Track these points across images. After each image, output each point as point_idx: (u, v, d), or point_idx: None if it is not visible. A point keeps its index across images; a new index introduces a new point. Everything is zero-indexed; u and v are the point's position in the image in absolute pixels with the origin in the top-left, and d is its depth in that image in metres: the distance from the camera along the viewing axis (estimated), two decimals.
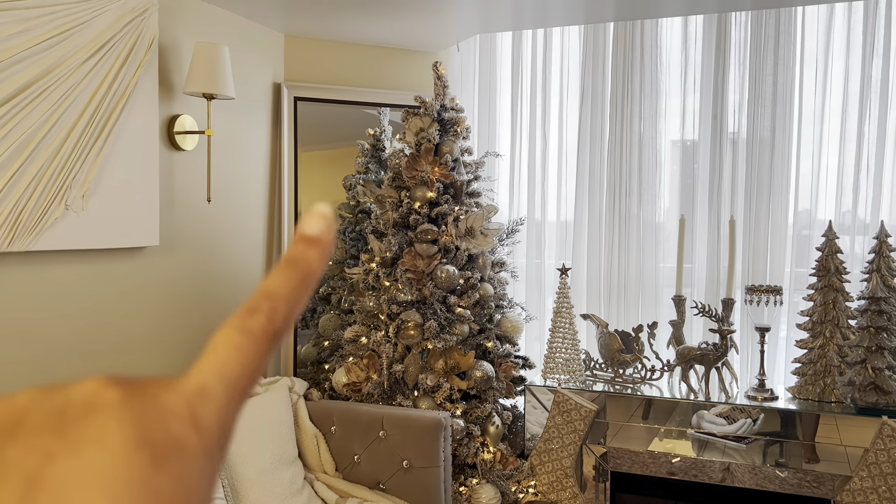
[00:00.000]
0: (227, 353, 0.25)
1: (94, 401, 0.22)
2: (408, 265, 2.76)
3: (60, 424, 0.21)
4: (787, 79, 2.99)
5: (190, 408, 0.23)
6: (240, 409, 0.25)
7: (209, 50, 2.53)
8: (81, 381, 0.23)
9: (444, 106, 2.88)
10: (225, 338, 0.25)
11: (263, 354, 0.25)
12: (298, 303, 0.27)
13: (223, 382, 0.24)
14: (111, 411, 0.21)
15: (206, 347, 0.25)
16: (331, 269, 3.35)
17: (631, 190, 3.23)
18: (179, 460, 0.21)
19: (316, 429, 2.58)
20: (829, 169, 2.97)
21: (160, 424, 0.22)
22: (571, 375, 2.89)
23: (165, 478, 0.21)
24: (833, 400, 2.60)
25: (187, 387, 0.23)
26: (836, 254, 2.62)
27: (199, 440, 0.22)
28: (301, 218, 0.30)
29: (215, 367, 0.24)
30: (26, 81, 2.08)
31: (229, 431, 0.24)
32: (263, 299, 0.26)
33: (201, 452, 0.22)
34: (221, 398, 0.24)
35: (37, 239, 2.12)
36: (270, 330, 0.26)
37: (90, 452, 0.20)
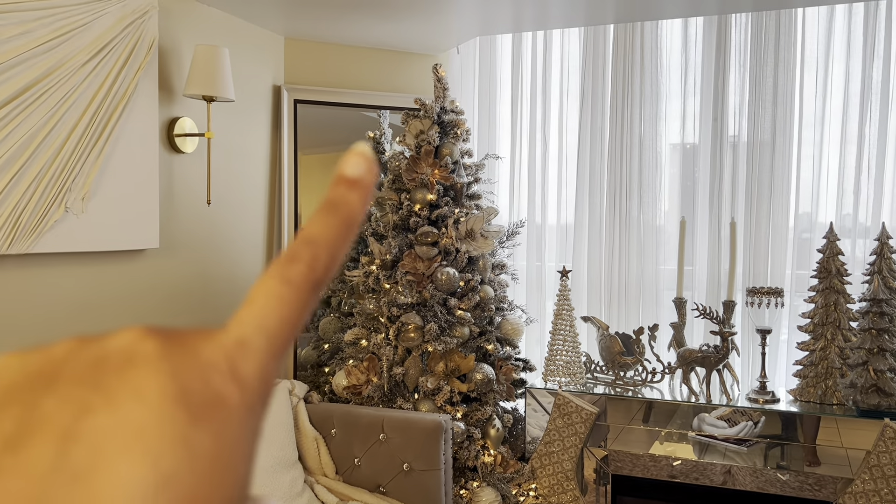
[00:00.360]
0: (268, 303, 0.24)
1: (132, 352, 0.21)
2: (408, 267, 2.76)
3: (97, 376, 0.20)
4: (787, 81, 2.99)
5: (230, 361, 0.22)
6: (281, 362, 0.24)
7: (209, 52, 2.53)
8: (119, 332, 0.22)
9: (444, 108, 2.88)
10: (265, 288, 0.24)
11: (305, 304, 0.24)
12: (340, 249, 0.26)
13: (264, 334, 0.23)
14: (149, 364, 0.21)
15: (246, 298, 0.24)
16: None
17: (631, 192, 3.23)
18: (219, 415, 0.21)
19: (316, 431, 2.57)
20: (830, 171, 2.97)
21: (200, 378, 0.21)
22: (572, 378, 2.89)
23: (205, 433, 0.20)
24: (835, 402, 2.59)
25: (227, 339, 0.23)
26: (837, 255, 2.61)
27: (241, 394, 0.21)
28: (342, 162, 0.29)
29: (255, 318, 0.23)
30: (26, 83, 2.07)
31: (271, 385, 0.23)
32: (304, 246, 0.25)
33: (242, 407, 0.21)
34: (262, 351, 0.23)
35: (37, 241, 2.11)
36: (312, 278, 0.25)
37: (128, 406, 0.20)
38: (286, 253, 0.25)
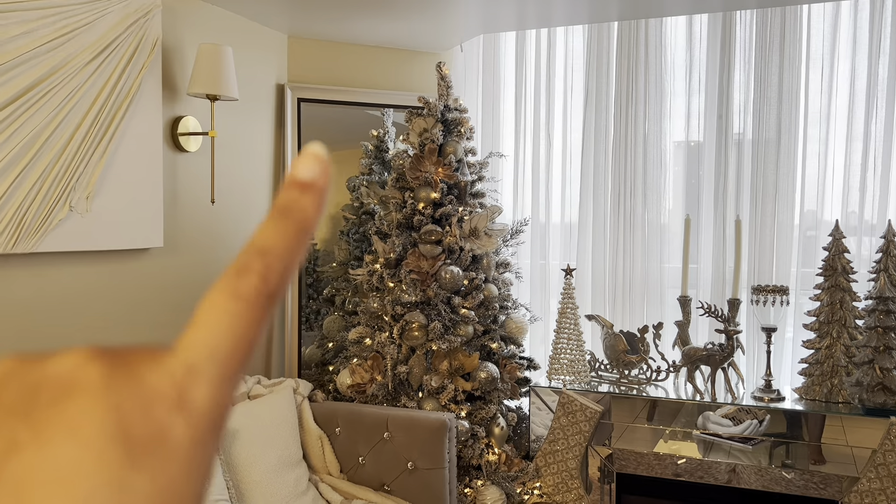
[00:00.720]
0: (218, 322, 0.21)
1: (73, 379, 0.19)
2: (412, 266, 2.75)
3: (30, 406, 0.18)
4: (792, 78, 2.98)
5: (179, 390, 0.20)
6: (236, 386, 0.22)
7: (212, 51, 2.53)
8: (64, 353, 0.20)
9: (447, 106, 2.88)
10: (214, 305, 0.22)
11: (259, 320, 0.22)
12: (295, 258, 0.24)
13: (215, 358, 0.21)
14: (89, 394, 0.19)
15: (194, 316, 0.22)
16: (335, 270, 3.35)
17: (636, 191, 3.22)
18: (162, 454, 0.19)
19: (320, 430, 2.57)
20: (836, 169, 2.95)
21: (143, 411, 0.19)
22: (576, 376, 2.88)
23: (143, 475, 0.18)
24: (840, 400, 2.58)
25: (176, 365, 0.21)
26: (842, 253, 2.60)
27: (188, 428, 0.20)
28: (294, 164, 0.25)
29: (205, 340, 0.21)
30: (30, 83, 2.07)
31: (224, 414, 0.21)
32: (255, 257, 0.23)
33: (190, 442, 0.19)
34: (214, 377, 0.21)
35: (41, 240, 2.12)
36: (265, 291, 0.22)
37: (59, 443, 0.18)
38: (235, 264, 0.23)
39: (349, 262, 3.36)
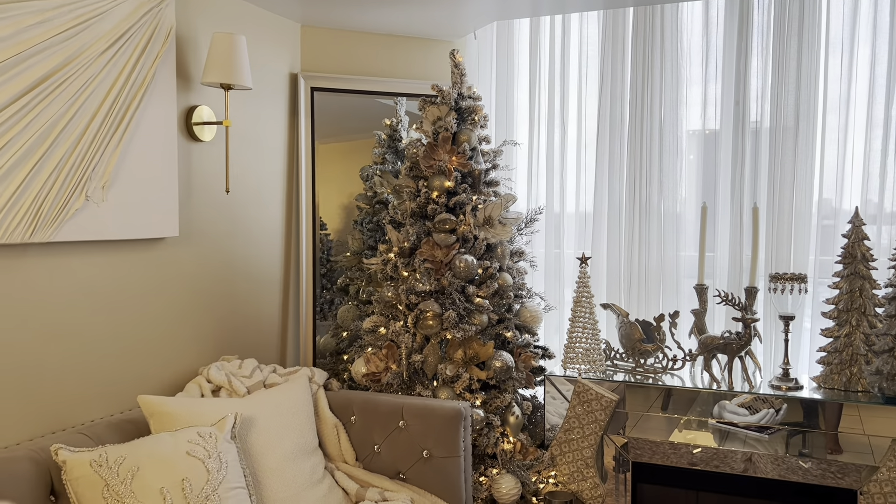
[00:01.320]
0: None
1: None
2: (426, 255, 2.75)
3: None
4: (811, 64, 2.94)
5: None
6: None
7: (226, 40, 2.53)
8: None
9: (461, 94, 2.86)
10: None
11: None
12: None
13: None
14: None
15: None
16: (348, 259, 3.35)
17: (651, 179, 3.20)
18: None
19: (336, 419, 2.57)
20: (855, 156, 2.92)
21: None
22: (591, 365, 2.87)
23: None
24: (860, 389, 2.56)
25: None
26: (862, 241, 2.57)
27: None
28: None
29: None
30: (46, 73, 2.08)
31: None
32: None
33: None
34: None
35: (58, 230, 2.13)
36: None
37: None
38: None
39: (363, 251, 3.36)
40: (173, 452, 1.94)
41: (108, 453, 1.89)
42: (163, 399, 2.20)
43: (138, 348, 2.48)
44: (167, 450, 1.94)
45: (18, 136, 2.01)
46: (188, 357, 2.69)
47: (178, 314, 2.64)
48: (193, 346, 2.71)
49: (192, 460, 1.94)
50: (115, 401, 2.39)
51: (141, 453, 1.91)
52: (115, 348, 2.39)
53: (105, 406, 2.36)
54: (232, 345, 2.91)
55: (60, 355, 2.21)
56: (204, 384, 2.48)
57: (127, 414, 2.31)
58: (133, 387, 2.46)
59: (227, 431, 2.09)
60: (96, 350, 2.32)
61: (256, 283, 3.04)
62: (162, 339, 2.57)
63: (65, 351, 2.22)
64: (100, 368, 2.34)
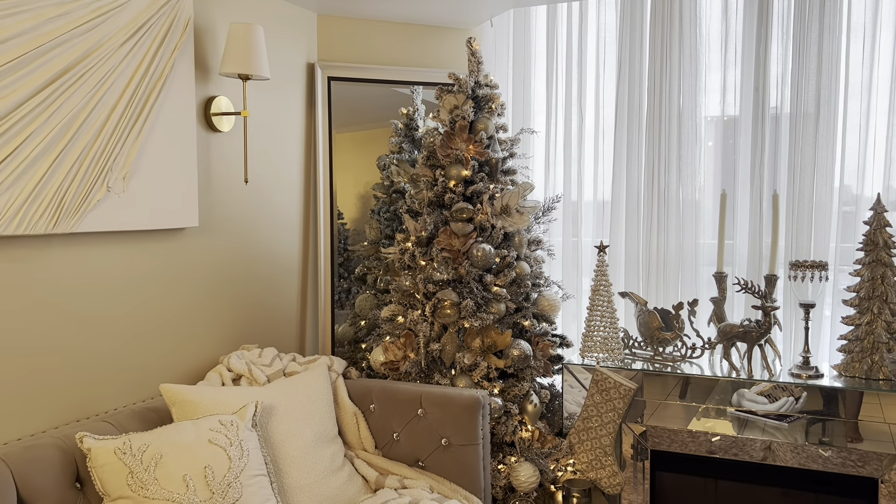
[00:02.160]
0: None
1: None
2: (443, 244, 2.75)
3: None
4: (832, 49, 2.90)
5: None
6: None
7: (244, 30, 2.53)
8: None
9: (478, 83, 2.85)
10: None
11: None
12: None
13: None
14: None
15: None
16: (366, 249, 3.36)
17: (670, 166, 3.18)
18: None
19: (355, 407, 2.59)
20: (878, 143, 2.88)
21: None
22: (610, 354, 2.87)
23: None
24: (881, 377, 2.54)
25: None
26: (884, 228, 2.54)
27: None
28: None
29: None
30: (67, 65, 2.10)
31: None
32: None
33: None
34: None
35: (80, 221, 2.15)
36: None
37: None
38: None
39: (380, 240, 3.37)
40: (195, 440, 1.96)
41: (132, 441, 1.91)
42: (184, 388, 2.22)
43: (160, 338, 2.51)
44: (189, 438, 1.97)
45: (40, 128, 2.03)
46: (209, 346, 2.72)
47: (199, 303, 2.67)
48: (214, 335, 2.74)
49: (214, 448, 1.96)
50: (137, 389, 2.43)
51: (164, 441, 1.94)
52: (137, 338, 2.42)
53: (128, 394, 2.39)
54: (252, 334, 2.93)
55: (84, 345, 2.24)
56: (224, 373, 2.51)
57: (149, 402, 2.34)
58: (155, 375, 2.49)
59: (249, 419, 2.11)
60: (119, 340, 2.35)
61: (275, 272, 3.06)
62: (183, 328, 2.60)
63: (88, 341, 2.25)
64: (122, 357, 2.37)
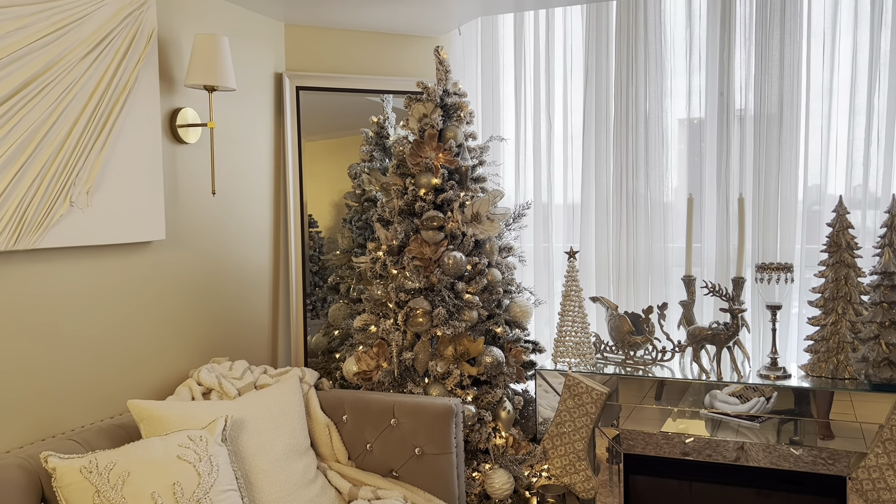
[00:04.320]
0: None
1: None
2: (414, 252, 2.75)
3: None
4: (793, 53, 2.95)
5: None
6: None
7: (209, 42, 2.52)
8: None
9: (446, 91, 2.86)
10: None
11: None
12: None
13: None
14: None
15: None
16: (338, 258, 3.35)
17: (638, 170, 3.21)
18: None
19: (328, 418, 2.58)
20: (839, 143, 2.93)
21: None
22: (582, 359, 2.88)
23: None
24: (847, 377, 2.58)
25: None
26: (847, 229, 2.59)
27: None
28: None
29: None
30: (26, 79, 2.07)
31: None
32: None
33: None
34: None
35: (42, 236, 2.12)
36: None
37: None
38: None
39: (353, 249, 3.36)
40: (164, 457, 1.94)
41: (98, 459, 1.89)
42: (153, 403, 2.20)
43: (127, 353, 2.47)
44: (157, 454, 1.94)
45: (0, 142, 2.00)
46: (178, 360, 2.69)
47: (168, 317, 2.64)
48: (183, 349, 2.71)
49: (182, 464, 1.94)
50: (105, 406, 2.39)
51: (131, 458, 1.91)
52: (103, 353, 2.39)
53: (95, 411, 2.36)
54: (222, 346, 2.91)
55: (49, 362, 2.20)
56: (194, 387, 2.48)
57: (117, 419, 2.31)
58: (123, 391, 2.46)
59: (218, 434, 2.09)
60: (85, 356, 2.32)
61: (246, 283, 3.04)
62: (151, 342, 2.57)
63: (53, 357, 2.22)
64: (89, 374, 2.34)
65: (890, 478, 2.31)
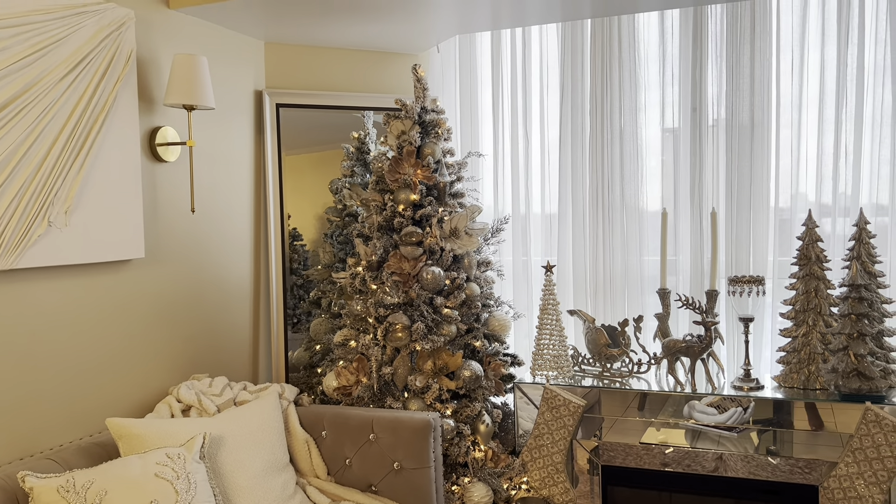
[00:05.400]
0: None
1: None
2: (393, 268, 2.78)
3: None
4: (763, 69, 3.01)
5: None
6: None
7: (187, 62, 2.55)
8: None
9: (424, 108, 2.90)
10: None
11: None
12: None
13: None
14: None
15: None
16: (320, 273, 3.37)
17: (613, 184, 3.26)
18: None
19: (307, 434, 2.60)
20: (809, 156, 3.00)
21: None
22: (560, 371, 2.91)
23: None
24: (818, 387, 2.62)
25: None
26: (816, 242, 2.64)
27: None
28: None
29: None
30: (4, 100, 2.09)
31: None
32: None
33: None
34: None
35: (21, 256, 2.13)
36: None
37: None
38: None
39: (334, 264, 3.38)
40: (141, 475, 1.95)
41: (76, 478, 1.90)
42: (131, 421, 2.21)
43: (107, 371, 2.49)
44: (135, 472, 1.95)
45: None
46: (158, 377, 2.70)
47: (147, 335, 2.65)
48: (163, 366, 2.72)
49: (160, 482, 1.95)
50: (84, 424, 2.40)
51: (109, 477, 1.92)
52: (83, 372, 2.40)
53: (74, 430, 2.37)
54: (203, 363, 2.92)
55: (27, 381, 2.21)
56: (174, 404, 2.50)
57: (96, 437, 2.32)
58: (102, 409, 2.47)
59: (196, 451, 2.10)
60: (64, 375, 2.33)
61: (226, 299, 3.06)
62: (131, 360, 2.58)
63: (32, 377, 2.23)
64: (68, 393, 2.35)
65: (860, 486, 2.36)
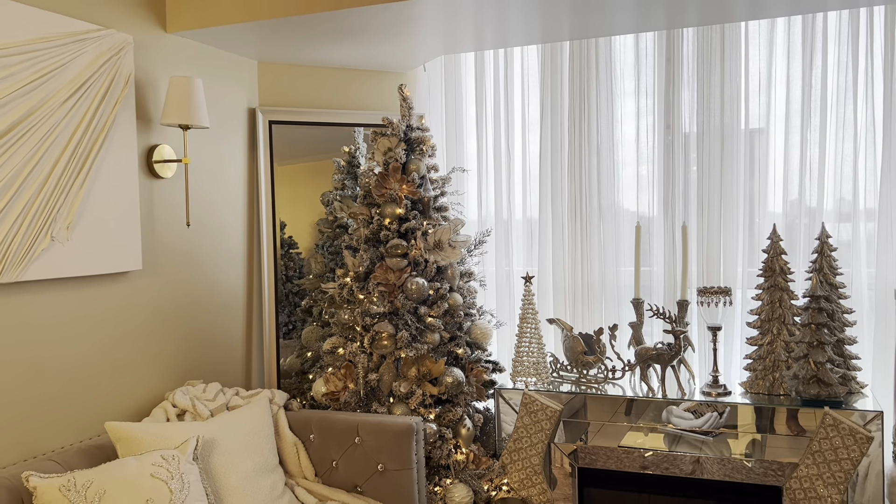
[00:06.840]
0: None
1: None
2: (380, 279, 2.91)
3: None
4: (733, 87, 3.16)
5: None
6: None
7: (183, 84, 2.68)
8: None
9: (410, 126, 3.04)
10: None
11: None
12: None
13: None
14: None
15: None
16: (311, 282, 3.51)
17: (591, 198, 3.40)
18: None
19: (295, 437, 2.73)
20: (776, 172, 3.14)
21: None
22: (539, 377, 3.05)
23: None
24: (781, 393, 2.76)
25: None
26: (780, 255, 2.78)
27: None
28: None
29: None
30: (10, 123, 2.23)
31: None
32: None
33: None
34: None
35: (25, 270, 2.27)
36: None
37: None
38: None
39: (325, 274, 3.52)
40: (138, 475, 2.08)
41: (77, 478, 2.03)
42: (129, 425, 2.34)
43: (106, 377, 2.62)
44: (132, 473, 2.09)
45: None
46: (155, 383, 2.83)
47: (145, 343, 2.79)
48: (160, 373, 2.85)
49: (155, 482, 2.09)
50: (84, 428, 2.53)
51: (107, 477, 2.06)
52: (84, 378, 2.53)
53: (75, 433, 2.50)
54: (197, 369, 3.05)
55: (32, 387, 2.35)
56: (169, 409, 2.63)
57: (96, 440, 2.45)
58: (102, 414, 2.60)
59: (190, 453, 2.24)
60: (66, 381, 2.47)
61: (220, 308, 3.19)
62: (129, 367, 2.72)
63: (36, 383, 2.36)
64: (70, 398, 2.48)
65: (819, 487, 2.49)
